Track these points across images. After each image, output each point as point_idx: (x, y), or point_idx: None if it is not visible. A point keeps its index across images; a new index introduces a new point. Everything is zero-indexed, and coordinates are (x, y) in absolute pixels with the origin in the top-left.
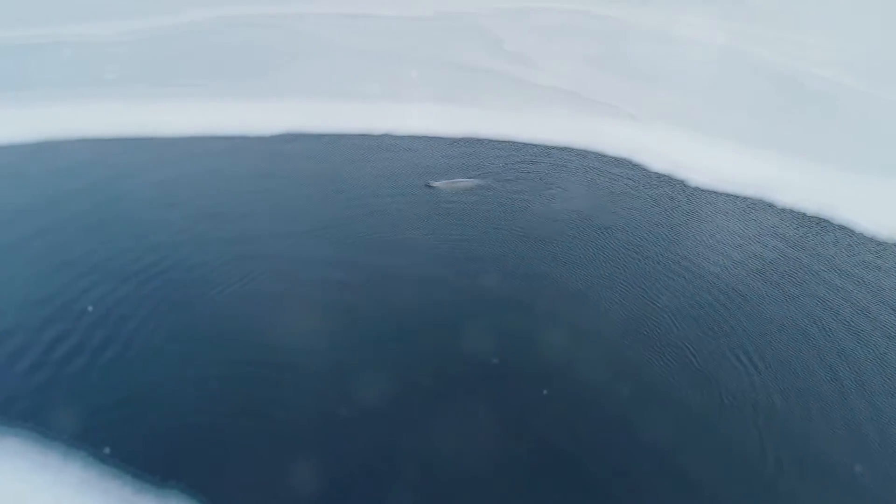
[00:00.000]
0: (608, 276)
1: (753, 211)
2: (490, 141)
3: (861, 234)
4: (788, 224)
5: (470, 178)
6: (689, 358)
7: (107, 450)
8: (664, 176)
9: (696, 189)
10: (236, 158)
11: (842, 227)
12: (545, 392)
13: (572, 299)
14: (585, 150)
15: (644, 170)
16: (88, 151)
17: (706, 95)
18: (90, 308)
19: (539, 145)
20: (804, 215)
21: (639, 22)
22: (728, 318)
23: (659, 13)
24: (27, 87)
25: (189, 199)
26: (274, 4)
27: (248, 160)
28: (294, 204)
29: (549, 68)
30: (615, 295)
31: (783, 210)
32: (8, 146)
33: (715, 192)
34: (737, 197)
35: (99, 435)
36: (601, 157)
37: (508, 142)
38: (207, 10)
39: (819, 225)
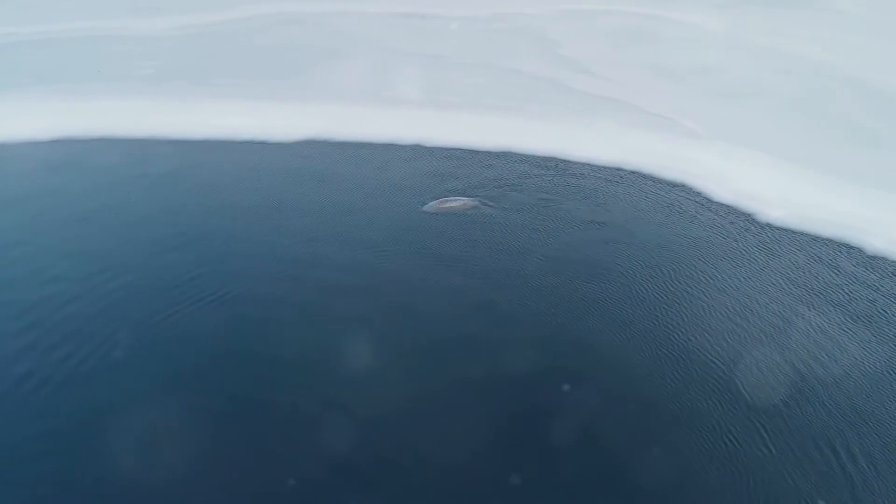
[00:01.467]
0: (674, 348)
1: (837, 257)
2: (529, 156)
3: None
4: (882, 275)
5: (466, 196)
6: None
7: None
8: (728, 207)
9: (767, 225)
10: (236, 168)
11: None
12: None
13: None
14: (637, 171)
15: (704, 198)
16: (87, 151)
17: (786, 114)
18: None
19: (584, 163)
20: None
21: (715, 29)
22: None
23: (738, 20)
24: (54, 80)
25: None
26: (331, 2)
27: (251, 170)
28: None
29: (605, 76)
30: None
31: (873, 257)
32: (26, 142)
33: (790, 231)
34: (816, 238)
35: None
36: (655, 181)
37: (550, 158)
38: (266, 5)
39: None
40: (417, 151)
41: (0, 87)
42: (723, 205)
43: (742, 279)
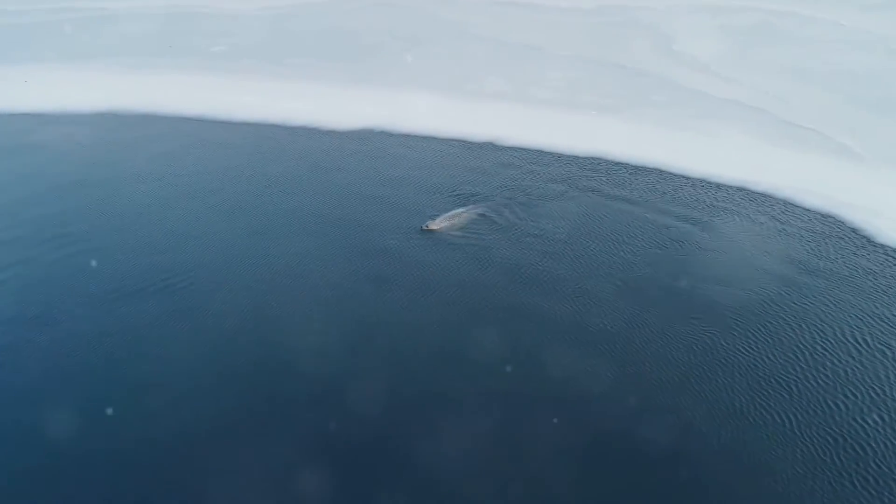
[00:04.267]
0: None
1: None
2: (625, 165)
3: None
4: None
5: (471, 206)
6: None
7: None
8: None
9: None
10: (271, 157)
11: None
12: None
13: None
14: (769, 195)
15: (864, 237)
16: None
17: None
18: None
19: (697, 178)
20: None
21: (860, 30)
22: None
23: (888, 21)
24: (122, 53)
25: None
26: None
27: (286, 160)
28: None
29: (730, 76)
30: None
31: None
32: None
33: None
34: None
35: None
36: (793, 208)
37: (653, 169)
38: None
39: None
40: (486, 151)
41: (68, 59)
42: (891, 248)
43: None
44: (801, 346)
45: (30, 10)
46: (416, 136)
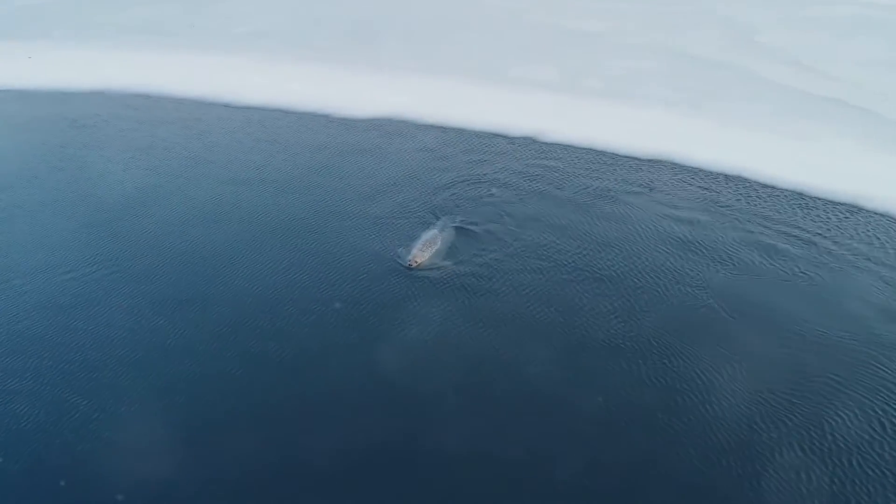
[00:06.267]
0: None
1: None
2: (697, 170)
3: None
4: None
5: (443, 227)
6: None
7: None
8: None
9: None
10: (257, 145)
11: None
12: None
13: None
14: (888, 214)
15: None
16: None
17: None
18: None
19: (790, 189)
20: None
21: None
22: None
23: None
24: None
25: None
26: None
27: (277, 151)
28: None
29: (827, 71)
30: None
31: None
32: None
33: None
34: None
35: None
36: None
37: (734, 176)
38: None
39: None
40: (522, 147)
41: (84, 38)
42: None
43: None
44: None
45: None
46: (437, 127)
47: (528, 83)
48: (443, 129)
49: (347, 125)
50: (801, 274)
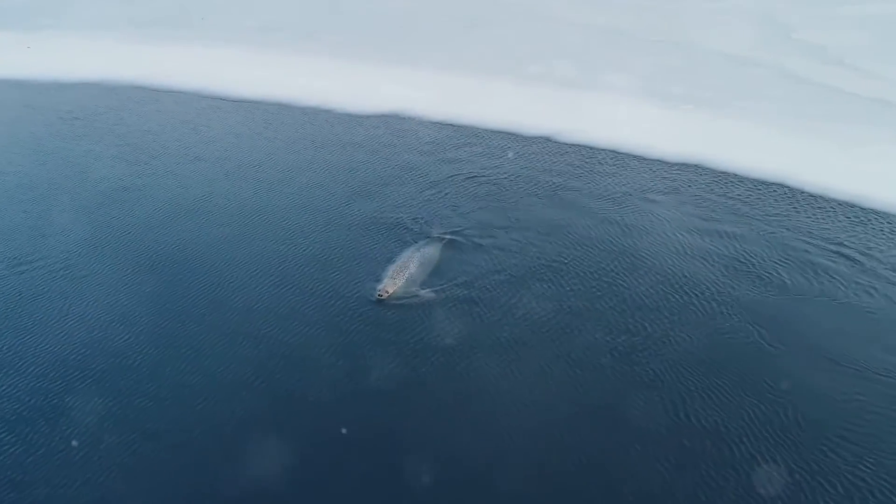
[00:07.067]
0: None
1: None
2: (728, 174)
3: None
4: None
5: (422, 246)
6: None
7: None
8: None
9: None
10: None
11: None
12: None
13: None
14: None
15: None
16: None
17: None
18: None
19: (844, 202)
20: None
21: None
22: None
23: None
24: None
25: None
26: None
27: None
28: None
29: (874, 71)
30: None
31: None
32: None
33: None
34: None
35: None
36: None
37: (775, 183)
38: None
39: None
40: (537, 147)
41: (91, 28)
42: None
43: None
44: None
45: None
46: (447, 124)
47: (545, 79)
48: (454, 127)
49: (351, 121)
50: (854, 296)
